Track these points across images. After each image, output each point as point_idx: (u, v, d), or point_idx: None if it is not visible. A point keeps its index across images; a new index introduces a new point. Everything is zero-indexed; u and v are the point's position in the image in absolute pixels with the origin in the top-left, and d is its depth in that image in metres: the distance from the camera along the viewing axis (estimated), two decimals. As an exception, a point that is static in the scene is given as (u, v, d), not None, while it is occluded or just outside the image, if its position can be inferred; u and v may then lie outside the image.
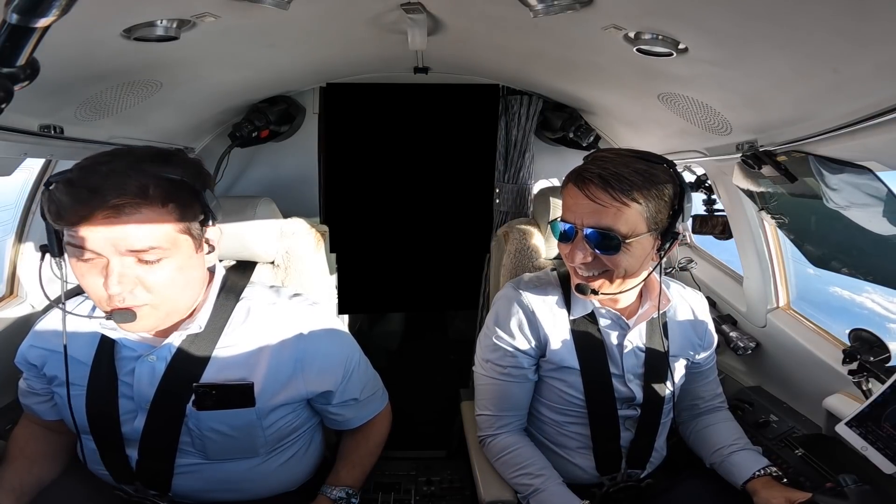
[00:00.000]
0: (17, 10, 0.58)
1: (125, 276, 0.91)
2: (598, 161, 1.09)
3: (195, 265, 1.02)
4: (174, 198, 0.94)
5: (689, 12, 0.87)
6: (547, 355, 1.23)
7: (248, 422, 1.08)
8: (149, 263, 0.93)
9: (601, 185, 1.05)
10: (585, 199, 1.07)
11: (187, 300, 1.04)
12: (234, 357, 1.08)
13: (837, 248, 1.40)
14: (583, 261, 1.09)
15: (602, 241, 1.07)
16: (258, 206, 1.49)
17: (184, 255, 0.97)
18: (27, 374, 1.15)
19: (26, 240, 1.53)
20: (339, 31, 1.41)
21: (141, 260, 0.92)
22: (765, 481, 1.16)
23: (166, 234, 0.93)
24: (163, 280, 0.95)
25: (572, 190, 1.10)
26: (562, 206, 1.16)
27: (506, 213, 2.25)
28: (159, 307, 0.97)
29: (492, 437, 1.28)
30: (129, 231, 0.90)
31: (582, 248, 1.09)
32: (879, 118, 0.83)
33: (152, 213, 0.91)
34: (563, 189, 1.15)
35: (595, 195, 1.05)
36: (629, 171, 1.05)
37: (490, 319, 1.29)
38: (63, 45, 0.86)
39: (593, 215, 1.06)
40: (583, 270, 1.12)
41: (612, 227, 1.05)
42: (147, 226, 0.91)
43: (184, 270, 0.98)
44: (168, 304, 0.99)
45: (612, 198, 1.04)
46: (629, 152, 1.11)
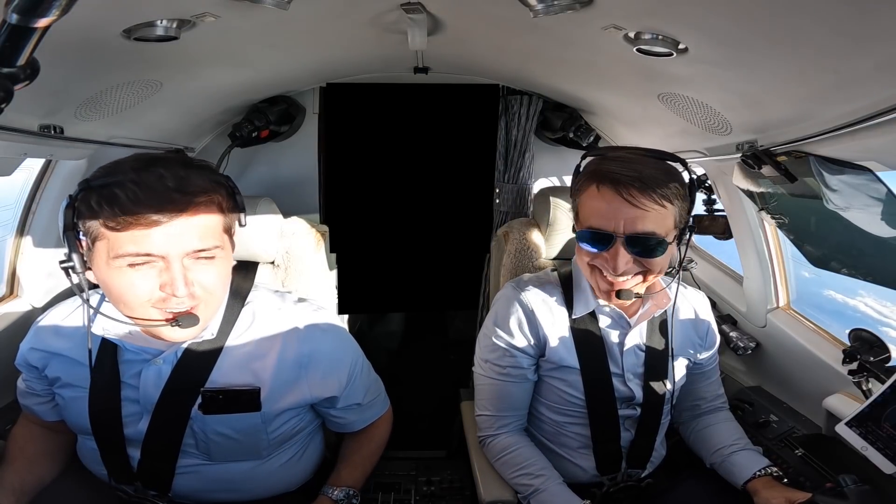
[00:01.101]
0: (17, 10, 0.58)
1: (186, 278, 0.91)
2: (625, 162, 1.05)
3: (230, 264, 1.03)
4: (221, 195, 0.96)
5: (689, 12, 0.87)
6: (546, 355, 1.23)
7: (253, 426, 1.09)
8: (206, 261, 0.93)
9: (642, 189, 1.02)
10: (625, 203, 1.03)
11: (223, 298, 1.05)
12: (240, 361, 1.08)
13: (837, 248, 1.40)
14: (626, 268, 1.06)
15: (645, 246, 1.05)
16: (258, 206, 1.49)
17: (228, 253, 1.00)
18: (27, 375, 1.15)
19: (26, 239, 1.53)
20: (339, 31, 1.41)
21: (199, 258, 0.92)
22: (765, 481, 1.16)
23: (220, 231, 0.96)
24: (216, 278, 0.96)
25: (607, 194, 1.05)
26: (584, 210, 1.11)
27: (506, 213, 2.25)
28: (210, 305, 0.98)
29: (492, 438, 1.28)
30: (198, 229, 0.91)
31: (623, 255, 1.06)
32: (879, 118, 0.83)
33: (213, 210, 0.93)
34: (586, 192, 1.10)
35: (636, 199, 1.03)
36: (661, 173, 1.04)
37: (489, 319, 1.29)
38: (63, 45, 0.86)
39: (636, 221, 1.03)
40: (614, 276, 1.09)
41: (654, 231, 1.04)
42: (211, 224, 0.93)
43: (227, 268, 1.01)
44: (215, 303, 1.00)
45: (654, 201, 1.03)
46: (646, 151, 1.10)
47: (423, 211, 2.38)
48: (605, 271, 1.09)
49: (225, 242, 0.98)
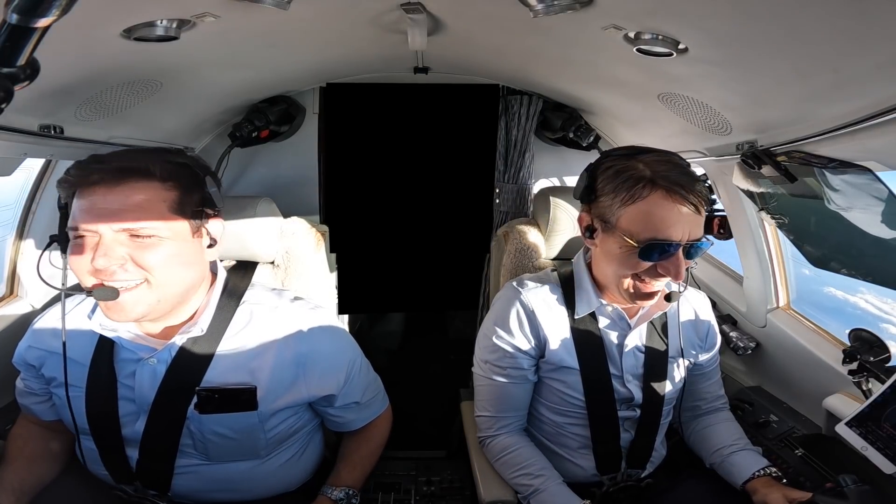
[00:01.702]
0: (17, 10, 0.58)
1: (113, 251, 0.91)
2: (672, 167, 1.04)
3: (192, 253, 1.01)
4: (175, 178, 0.97)
5: (689, 12, 0.87)
6: (546, 356, 1.22)
7: (250, 425, 1.09)
8: (142, 240, 0.93)
9: (699, 195, 1.03)
10: (691, 210, 1.02)
11: (182, 286, 1.02)
12: (236, 360, 1.08)
13: (837, 248, 1.40)
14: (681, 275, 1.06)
15: (694, 251, 1.06)
16: (258, 206, 1.49)
17: (179, 238, 0.98)
18: (25, 374, 1.15)
19: (26, 239, 1.53)
20: (339, 31, 1.41)
21: (134, 236, 0.93)
22: (765, 481, 1.15)
23: (163, 213, 0.95)
24: (157, 260, 0.94)
25: (668, 202, 1.01)
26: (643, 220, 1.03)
27: (506, 213, 2.25)
28: (154, 288, 0.96)
29: (491, 438, 1.28)
30: (127, 204, 0.92)
31: (683, 263, 1.04)
32: (879, 118, 0.83)
33: (151, 190, 0.94)
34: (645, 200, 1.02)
35: (700, 205, 1.03)
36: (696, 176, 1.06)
37: (489, 319, 1.28)
38: (63, 45, 0.86)
39: (697, 227, 1.04)
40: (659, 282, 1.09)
41: (703, 234, 1.05)
42: (145, 201, 0.93)
43: (179, 253, 0.98)
44: (162, 289, 0.97)
45: (704, 205, 1.04)
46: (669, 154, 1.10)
47: (423, 211, 2.37)
48: (649, 278, 1.07)
49: (172, 226, 0.96)
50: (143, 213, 0.93)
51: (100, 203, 0.92)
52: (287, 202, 1.72)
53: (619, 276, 1.11)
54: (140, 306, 0.96)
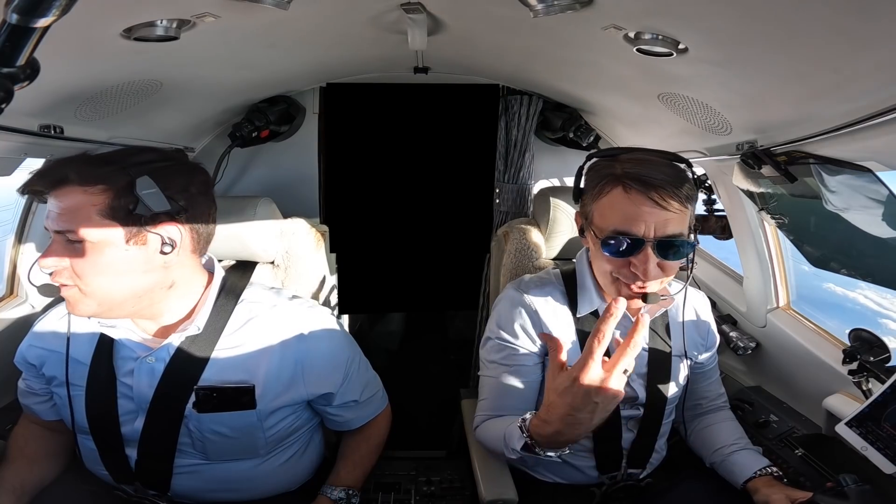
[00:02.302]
0: (17, 10, 0.58)
1: (53, 251, 0.95)
2: (644, 164, 1.05)
3: (129, 259, 0.96)
4: (101, 181, 0.94)
5: (689, 12, 0.87)
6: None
7: (248, 424, 1.08)
8: (73, 245, 0.94)
9: (671, 192, 1.01)
10: (656, 206, 1.02)
11: (124, 294, 0.98)
12: (234, 359, 1.08)
13: (837, 248, 1.40)
14: (654, 273, 1.05)
15: (671, 249, 1.05)
16: (258, 206, 1.49)
17: (111, 246, 0.94)
18: (26, 373, 1.15)
19: (26, 240, 1.53)
20: (339, 31, 1.41)
21: (69, 241, 0.94)
22: (766, 481, 1.15)
23: (88, 219, 0.93)
24: (86, 265, 0.94)
25: (637, 197, 1.02)
26: (609, 215, 1.06)
27: (506, 213, 2.25)
28: (87, 295, 0.96)
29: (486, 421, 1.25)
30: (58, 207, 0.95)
31: (653, 260, 1.04)
32: (879, 118, 0.83)
33: (76, 195, 0.94)
34: (609, 195, 1.06)
35: (667, 202, 1.01)
36: (679, 174, 1.05)
37: (492, 322, 1.28)
38: (63, 45, 0.86)
39: (666, 224, 1.02)
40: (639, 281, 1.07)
41: (681, 232, 1.04)
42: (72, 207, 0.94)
43: (113, 264, 0.95)
44: (99, 294, 0.96)
45: (680, 203, 1.03)
46: (658, 153, 1.10)
47: (424, 211, 2.38)
48: (628, 279, 1.07)
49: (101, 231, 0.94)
50: (71, 217, 0.93)
51: (49, 206, 0.96)
52: (287, 202, 1.72)
53: (603, 275, 1.14)
54: (81, 306, 0.97)
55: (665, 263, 1.06)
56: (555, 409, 0.93)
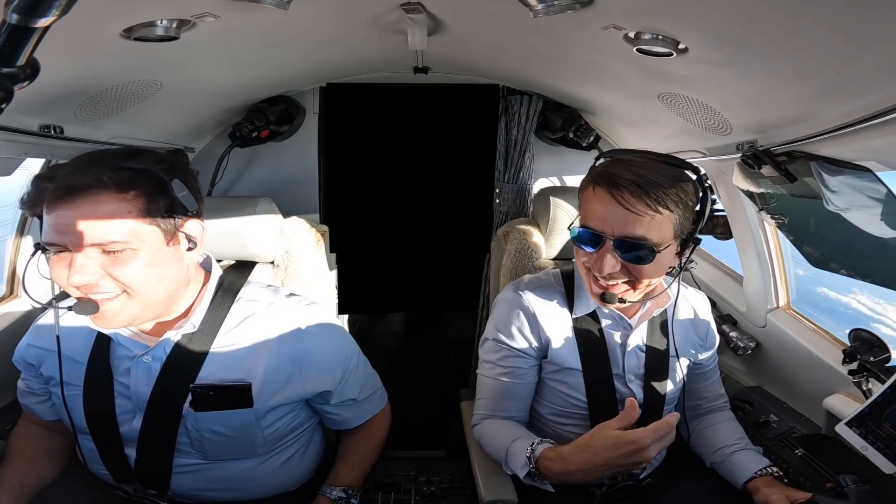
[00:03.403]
0: (17, 10, 0.58)
1: (85, 267, 0.89)
2: (628, 165, 1.04)
3: (168, 259, 0.98)
4: (135, 186, 0.92)
5: (689, 12, 0.87)
6: (549, 356, 1.22)
7: (246, 422, 1.08)
8: (114, 255, 0.91)
9: (637, 193, 1.00)
10: (618, 206, 1.02)
11: (162, 295, 1.00)
12: (231, 357, 1.07)
13: (837, 249, 1.40)
14: (611, 270, 1.05)
15: (633, 251, 1.04)
16: (258, 206, 1.49)
17: (152, 248, 0.94)
18: (25, 373, 1.15)
19: (26, 239, 1.53)
20: (339, 31, 1.41)
21: (105, 251, 0.91)
22: (766, 481, 1.15)
23: (128, 225, 0.91)
24: (131, 274, 0.93)
25: (602, 195, 1.04)
26: (583, 209, 1.10)
27: (506, 213, 2.25)
28: (133, 299, 0.95)
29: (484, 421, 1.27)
30: (89, 222, 0.89)
31: (610, 258, 1.04)
32: (879, 118, 0.83)
33: (110, 203, 0.90)
34: (586, 192, 1.09)
35: (630, 203, 1.01)
36: (664, 178, 1.02)
37: (491, 323, 1.28)
38: (63, 45, 0.86)
39: (627, 224, 1.02)
40: (608, 279, 1.08)
41: (645, 236, 1.02)
42: (107, 215, 0.90)
43: (154, 264, 0.95)
44: (142, 298, 0.96)
45: (647, 206, 1.01)
46: (656, 156, 1.09)
47: (423, 211, 2.38)
48: (596, 273, 1.09)
49: (142, 237, 0.93)
50: (108, 227, 0.89)
51: (63, 220, 0.88)
52: (287, 202, 1.72)
53: (579, 267, 1.16)
54: (123, 315, 0.95)
55: (631, 267, 1.05)
56: (588, 453, 0.98)
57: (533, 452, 1.05)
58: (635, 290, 1.11)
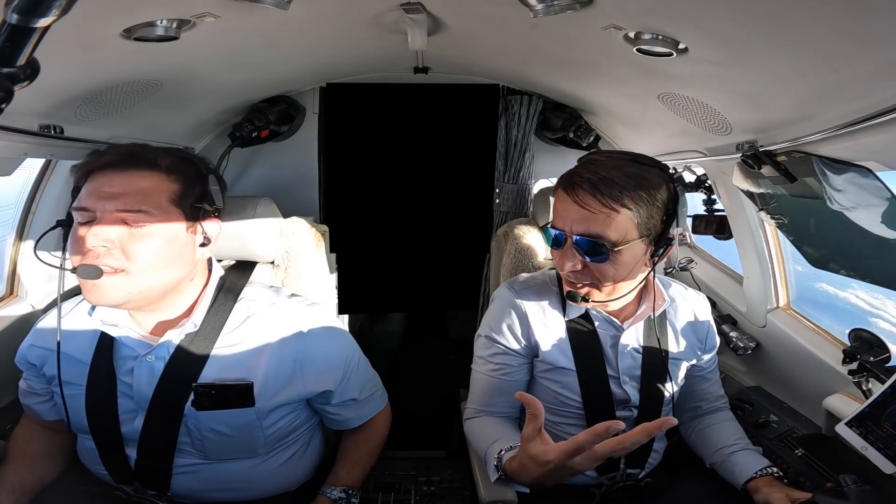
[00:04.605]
0: (17, 10, 0.58)
1: (105, 231, 0.93)
2: (589, 165, 1.06)
3: (182, 246, 1.01)
4: (180, 171, 1.01)
5: (689, 12, 0.87)
6: (540, 356, 1.22)
7: (247, 422, 1.08)
8: (135, 227, 0.95)
9: (590, 191, 1.02)
10: (574, 204, 1.04)
11: (165, 280, 1.01)
12: (233, 357, 1.08)
13: (837, 249, 1.40)
14: (572, 269, 1.07)
15: (591, 249, 1.04)
16: (258, 206, 1.49)
17: (171, 230, 0.99)
18: (27, 373, 1.15)
19: (26, 239, 1.53)
20: (339, 31, 1.41)
21: (127, 222, 0.94)
22: (767, 481, 1.15)
23: (160, 202, 0.97)
24: (145, 249, 0.95)
25: (561, 195, 1.08)
26: (552, 211, 1.14)
27: (506, 213, 2.25)
28: (133, 277, 0.95)
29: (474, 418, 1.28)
30: (129, 189, 0.95)
31: (571, 256, 1.06)
32: (879, 118, 0.83)
33: (154, 179, 0.98)
34: (555, 193, 1.13)
35: (584, 201, 1.02)
36: (620, 175, 1.02)
37: (485, 319, 1.30)
38: (63, 45, 0.86)
39: (582, 222, 1.03)
40: (572, 277, 1.11)
41: (601, 234, 1.02)
42: (146, 189, 0.96)
43: (168, 246, 0.98)
44: (143, 279, 0.97)
45: (601, 203, 1.01)
46: (622, 155, 1.09)
47: (424, 211, 2.38)
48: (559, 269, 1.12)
49: (169, 216, 0.98)
50: (142, 199, 0.95)
51: (105, 186, 0.95)
52: (287, 202, 1.72)
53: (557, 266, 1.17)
54: (117, 292, 0.96)
55: (592, 266, 1.07)
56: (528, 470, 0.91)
57: (500, 460, 1.04)
58: (600, 290, 1.12)
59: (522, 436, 0.91)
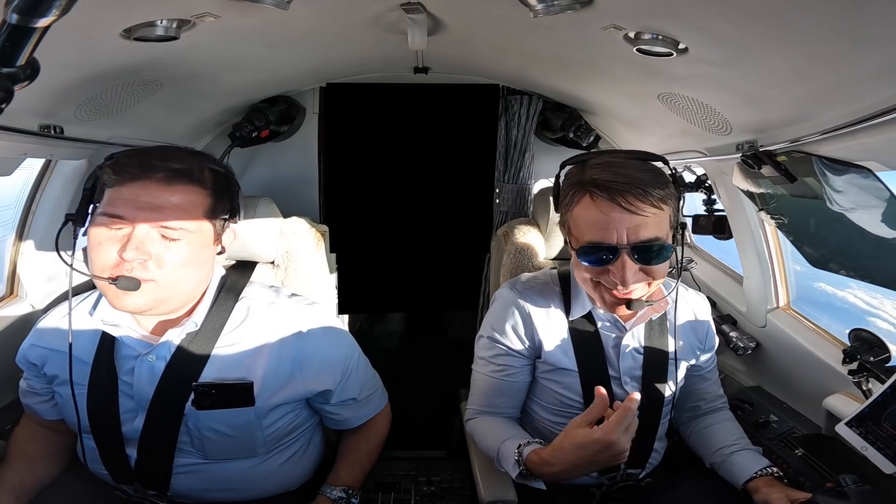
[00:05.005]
0: (17, 10, 0.58)
1: (144, 245, 0.94)
2: (611, 167, 1.02)
3: (207, 257, 1.05)
4: (214, 185, 1.02)
5: (689, 12, 0.87)
6: (543, 357, 1.22)
7: (247, 421, 1.09)
8: (170, 241, 0.96)
9: (639, 195, 0.98)
10: (625, 212, 0.99)
11: (188, 288, 1.04)
12: (234, 356, 1.08)
13: (836, 249, 1.40)
14: (635, 280, 1.02)
15: (652, 254, 1.02)
16: (258, 206, 1.49)
17: (202, 243, 1.02)
18: (28, 373, 1.15)
19: (26, 239, 1.53)
20: (339, 31, 1.41)
21: (164, 236, 0.96)
22: (767, 481, 1.15)
23: (197, 216, 0.99)
24: (178, 260, 0.97)
25: (603, 204, 1.00)
26: (581, 225, 1.05)
27: (506, 213, 2.25)
28: (162, 287, 0.97)
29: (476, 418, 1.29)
30: (171, 203, 0.96)
31: (630, 267, 1.01)
32: (879, 118, 0.83)
33: (194, 193, 0.99)
34: (578, 205, 1.05)
35: (635, 206, 0.98)
36: (651, 175, 1.02)
37: (486, 319, 1.29)
38: (63, 45, 0.86)
39: (638, 229, 1.00)
40: (621, 288, 1.04)
41: (657, 236, 1.01)
42: (186, 203, 0.97)
43: (197, 258, 1.01)
44: (171, 288, 0.99)
45: (651, 206, 1.00)
46: (629, 153, 1.09)
47: (424, 211, 2.38)
48: (610, 285, 1.06)
49: (201, 230, 1.01)
50: (183, 213, 0.97)
51: (145, 197, 0.94)
52: (287, 202, 1.72)
53: (583, 283, 1.13)
54: (145, 298, 0.97)
55: (647, 268, 1.04)
56: (564, 454, 0.99)
57: (521, 455, 1.07)
58: (649, 287, 1.10)
59: (574, 421, 1.00)
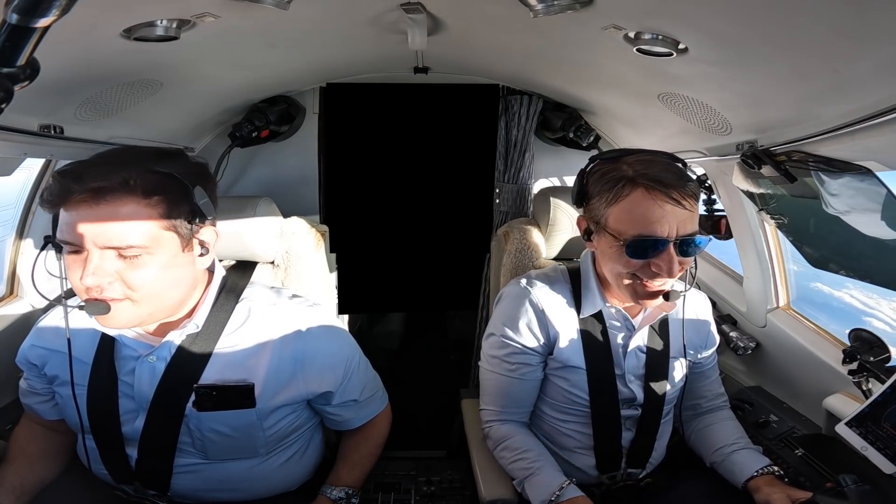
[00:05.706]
0: (17, 10, 0.58)
1: (101, 269, 0.89)
2: (654, 164, 1.07)
3: (182, 265, 0.99)
4: (160, 192, 0.92)
5: (689, 12, 0.87)
6: (554, 354, 1.22)
7: (248, 422, 1.08)
8: (129, 259, 0.91)
9: (685, 190, 1.04)
10: (677, 206, 1.03)
11: (172, 300, 1.01)
12: (234, 357, 1.08)
13: (836, 249, 1.40)
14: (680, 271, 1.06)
15: (691, 247, 1.06)
16: (258, 206, 1.49)
17: (168, 254, 0.95)
18: (28, 373, 1.15)
19: (26, 239, 1.53)
20: (339, 31, 1.41)
21: (121, 255, 0.91)
22: (767, 480, 1.15)
23: (148, 231, 0.91)
24: (144, 278, 0.92)
25: (658, 197, 1.03)
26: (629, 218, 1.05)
27: (506, 213, 2.24)
28: (140, 304, 0.94)
29: (494, 427, 1.29)
30: (110, 225, 0.89)
31: (675, 259, 1.04)
32: (879, 118, 0.83)
33: (134, 207, 0.90)
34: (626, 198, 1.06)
35: (685, 200, 1.04)
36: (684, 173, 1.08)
37: (497, 317, 1.28)
38: (63, 45, 0.86)
39: (686, 223, 1.04)
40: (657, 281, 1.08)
41: (696, 230, 1.07)
42: (128, 221, 0.90)
43: (168, 270, 0.95)
44: (150, 303, 0.96)
45: (693, 200, 1.06)
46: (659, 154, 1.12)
47: (424, 211, 2.38)
48: (649, 277, 1.08)
49: (161, 242, 0.93)
50: (128, 231, 0.90)
51: (83, 219, 0.88)
52: (287, 202, 1.72)
53: (617, 277, 1.12)
54: (126, 316, 0.95)
55: (683, 261, 1.07)
56: None
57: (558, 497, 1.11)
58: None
59: None
